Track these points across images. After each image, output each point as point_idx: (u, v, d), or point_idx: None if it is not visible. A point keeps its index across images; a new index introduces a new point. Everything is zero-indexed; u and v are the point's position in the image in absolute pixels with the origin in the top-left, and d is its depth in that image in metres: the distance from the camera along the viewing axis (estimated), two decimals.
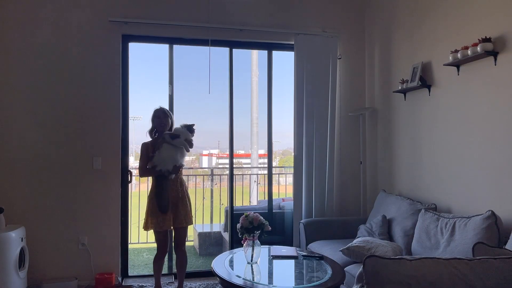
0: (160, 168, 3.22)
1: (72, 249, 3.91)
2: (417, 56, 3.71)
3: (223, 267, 2.84)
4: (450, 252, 2.69)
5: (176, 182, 3.34)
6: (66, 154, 3.92)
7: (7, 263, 3.33)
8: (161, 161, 3.23)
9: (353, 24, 4.62)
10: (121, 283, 3.98)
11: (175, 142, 3.27)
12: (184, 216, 3.34)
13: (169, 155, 3.25)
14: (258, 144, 9.73)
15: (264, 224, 2.92)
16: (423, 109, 3.64)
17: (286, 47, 4.51)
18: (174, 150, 3.28)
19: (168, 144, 3.27)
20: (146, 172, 3.33)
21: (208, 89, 4.19)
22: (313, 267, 2.93)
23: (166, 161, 3.23)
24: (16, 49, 3.84)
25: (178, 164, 3.30)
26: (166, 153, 3.25)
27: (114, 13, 4.02)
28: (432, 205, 3.32)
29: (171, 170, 3.24)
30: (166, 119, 3.38)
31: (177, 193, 3.33)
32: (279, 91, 4.72)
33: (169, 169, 3.23)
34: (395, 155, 4.09)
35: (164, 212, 3.22)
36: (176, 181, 3.34)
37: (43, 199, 3.87)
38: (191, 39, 4.27)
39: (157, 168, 3.22)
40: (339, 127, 4.53)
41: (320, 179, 4.37)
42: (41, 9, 3.89)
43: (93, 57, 3.99)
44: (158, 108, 3.42)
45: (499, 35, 2.79)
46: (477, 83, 3.01)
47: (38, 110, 3.88)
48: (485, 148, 2.93)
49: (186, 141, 3.31)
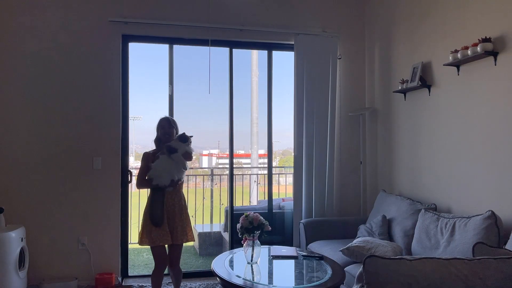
0: (156, 183, 3.02)
1: (72, 249, 3.91)
2: (417, 56, 3.71)
3: (223, 267, 2.84)
4: (450, 252, 2.69)
5: (173, 195, 3.12)
6: (66, 154, 3.92)
7: (7, 263, 3.33)
8: (156, 174, 3.03)
9: (353, 24, 4.63)
10: (121, 283, 3.98)
11: (173, 157, 3.07)
12: (181, 232, 3.10)
13: (165, 169, 3.05)
14: (258, 144, 9.73)
15: (264, 224, 2.91)
16: (423, 109, 3.64)
17: (286, 47, 4.51)
18: (172, 163, 3.08)
19: (165, 157, 3.08)
20: (142, 183, 3.13)
21: (208, 89, 4.19)
22: (313, 267, 2.93)
23: (162, 175, 3.03)
24: (15, 49, 3.84)
25: (175, 179, 3.08)
26: (162, 166, 3.05)
27: (114, 13, 4.02)
28: (432, 205, 3.32)
29: (168, 184, 3.04)
30: (171, 129, 3.20)
31: (173, 207, 3.10)
32: (279, 91, 4.73)
33: (166, 184, 3.03)
34: (395, 155, 4.09)
35: (156, 225, 3.00)
36: (175, 194, 3.13)
37: (43, 199, 3.87)
38: (191, 39, 4.27)
39: (153, 182, 3.02)
40: (339, 127, 4.53)
41: (320, 179, 4.37)
42: (41, 9, 3.89)
43: (93, 57, 3.99)
44: (163, 118, 3.26)
45: (499, 35, 2.79)
46: (477, 83, 3.01)
47: (38, 110, 3.88)
48: (485, 148, 2.93)
49: (185, 154, 3.11)
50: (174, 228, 3.08)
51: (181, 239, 3.11)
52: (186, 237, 3.13)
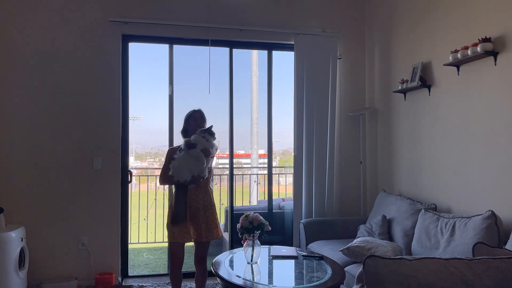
0: (177, 179, 2.92)
1: (72, 249, 3.91)
2: (417, 56, 3.71)
3: (223, 267, 2.84)
4: (450, 252, 2.69)
5: (197, 192, 3.03)
6: (66, 154, 3.92)
7: (7, 263, 3.34)
8: (176, 170, 2.93)
9: (353, 24, 4.63)
10: (121, 283, 3.98)
11: (192, 153, 2.96)
12: (205, 229, 3.02)
13: (184, 164, 2.93)
14: (258, 144, 9.74)
15: (264, 224, 2.91)
16: (423, 109, 3.64)
17: (286, 47, 4.51)
18: (191, 159, 2.96)
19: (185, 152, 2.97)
20: (165, 179, 3.04)
21: (208, 89, 4.20)
22: (313, 267, 2.93)
23: (181, 171, 2.92)
24: (15, 49, 3.84)
25: (196, 175, 2.94)
26: (181, 162, 2.94)
27: (114, 13, 4.02)
28: (432, 205, 3.32)
29: (189, 180, 2.92)
30: (203, 123, 3.12)
31: (197, 204, 3.01)
32: (279, 91, 4.73)
33: (187, 179, 2.91)
34: (395, 155, 4.09)
35: (175, 223, 2.94)
36: (199, 190, 3.03)
37: (43, 199, 3.87)
38: (191, 39, 4.27)
39: (174, 179, 2.93)
40: (339, 127, 4.53)
41: (320, 179, 4.37)
42: (41, 9, 3.90)
43: (93, 57, 3.99)
44: (197, 110, 3.16)
45: (499, 35, 2.79)
46: (477, 83, 3.01)
47: (38, 110, 3.88)
48: (485, 148, 2.93)
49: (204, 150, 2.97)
50: (198, 226, 3.01)
51: (206, 237, 3.03)
52: (211, 235, 3.04)
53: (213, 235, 3.05)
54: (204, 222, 3.02)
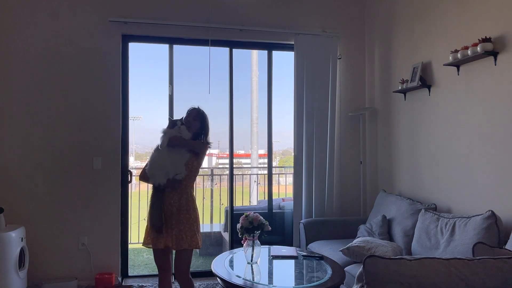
0: (152, 181, 2.71)
1: (72, 249, 3.91)
2: (417, 56, 3.71)
3: (223, 267, 2.84)
4: (450, 252, 2.69)
5: (172, 194, 2.71)
6: (66, 154, 3.92)
7: (7, 263, 3.34)
8: (150, 170, 2.71)
9: (353, 24, 4.62)
10: (121, 283, 3.98)
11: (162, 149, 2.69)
12: (176, 236, 2.66)
13: (159, 165, 2.68)
14: (258, 144, 9.73)
15: (264, 224, 2.91)
16: (423, 109, 3.64)
17: (286, 47, 4.51)
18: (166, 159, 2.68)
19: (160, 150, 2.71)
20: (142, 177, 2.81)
21: (208, 89, 4.19)
22: (313, 267, 2.93)
23: (156, 172, 2.68)
24: (15, 49, 3.84)
25: (171, 177, 2.66)
26: (156, 162, 2.70)
27: (114, 13, 4.02)
28: (432, 205, 3.32)
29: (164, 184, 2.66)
30: (195, 121, 2.84)
31: (171, 207, 2.69)
32: (279, 91, 4.73)
33: (161, 183, 2.66)
34: (395, 155, 4.08)
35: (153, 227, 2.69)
36: (173, 192, 2.71)
37: (43, 199, 3.87)
38: (191, 39, 4.27)
39: (149, 181, 2.73)
40: (339, 127, 4.53)
41: (320, 179, 4.37)
42: (41, 9, 3.89)
43: (93, 57, 3.99)
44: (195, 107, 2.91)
45: (499, 35, 2.79)
46: (477, 83, 3.01)
47: (38, 110, 3.88)
48: (485, 148, 2.93)
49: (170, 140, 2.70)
50: (169, 232, 2.68)
51: (176, 245, 2.66)
52: (183, 243, 2.65)
53: (185, 244, 2.65)
54: (176, 228, 2.67)
